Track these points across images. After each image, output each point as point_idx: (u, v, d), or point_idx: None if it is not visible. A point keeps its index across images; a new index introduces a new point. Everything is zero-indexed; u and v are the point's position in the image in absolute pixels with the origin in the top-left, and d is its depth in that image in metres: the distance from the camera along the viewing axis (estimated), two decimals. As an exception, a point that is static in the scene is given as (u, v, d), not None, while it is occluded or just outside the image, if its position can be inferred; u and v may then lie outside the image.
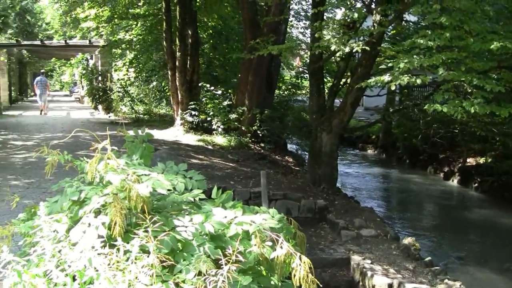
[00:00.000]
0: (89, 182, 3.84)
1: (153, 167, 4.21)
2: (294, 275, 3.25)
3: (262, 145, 17.01)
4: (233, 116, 16.85)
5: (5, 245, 3.50)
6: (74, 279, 3.11)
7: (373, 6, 11.72)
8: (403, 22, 16.05)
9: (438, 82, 9.66)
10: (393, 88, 9.23)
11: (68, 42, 30.94)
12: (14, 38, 35.76)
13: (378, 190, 18.61)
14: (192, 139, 16.99)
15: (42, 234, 3.46)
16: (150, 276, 2.95)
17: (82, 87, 40.53)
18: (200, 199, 4.05)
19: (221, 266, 3.06)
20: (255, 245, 3.41)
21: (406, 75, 8.64)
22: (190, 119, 18.12)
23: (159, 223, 3.29)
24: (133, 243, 3.15)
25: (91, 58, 34.45)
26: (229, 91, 18.93)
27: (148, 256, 3.05)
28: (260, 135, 16.78)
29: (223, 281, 2.96)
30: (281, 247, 3.33)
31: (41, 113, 28.04)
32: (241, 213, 3.69)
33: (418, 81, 8.41)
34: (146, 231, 3.21)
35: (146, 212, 3.32)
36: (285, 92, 21.96)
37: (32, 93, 47.64)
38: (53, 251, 3.28)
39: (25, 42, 34.14)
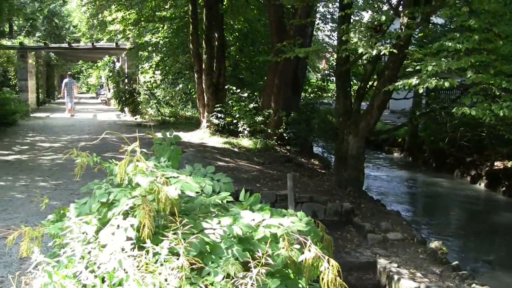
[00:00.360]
0: (118, 184, 3.85)
1: (181, 170, 4.22)
2: (322, 279, 3.23)
3: (288, 147, 16.99)
4: (259, 118, 16.85)
5: (36, 246, 3.53)
6: (103, 280, 3.12)
7: (400, 8, 11.66)
8: (430, 24, 15.92)
9: (466, 85, 9.56)
10: (420, 91, 9.15)
11: (95, 44, 31.15)
12: (42, 41, 36.13)
13: (404, 194, 18.49)
14: (218, 141, 17.03)
15: (72, 235, 3.48)
16: (180, 278, 2.95)
17: (109, 89, 40.83)
18: (227, 202, 4.06)
19: (250, 269, 3.05)
20: (283, 248, 3.40)
21: (434, 78, 8.57)
22: (216, 121, 18.17)
23: (189, 226, 3.29)
24: (162, 245, 3.16)
25: (118, 61, 34.68)
26: (255, 93, 18.94)
27: (177, 259, 3.05)
28: (286, 137, 16.76)
29: (252, 284, 2.95)
30: (309, 250, 3.32)
31: (71, 115, 28.36)
32: (269, 216, 3.69)
33: (446, 84, 8.33)
34: (175, 233, 3.21)
35: (176, 214, 3.33)
36: (311, 95, 21.93)
37: (59, 95, 48.12)
38: (83, 253, 3.30)
39: (53, 45, 34.49)
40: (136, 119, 26.08)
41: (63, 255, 3.38)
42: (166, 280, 2.94)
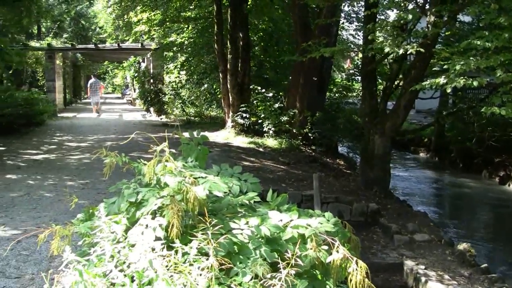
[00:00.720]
0: (146, 184, 3.87)
1: (208, 170, 4.22)
2: (350, 280, 3.21)
3: (313, 147, 16.96)
4: (284, 118, 16.84)
5: (67, 245, 3.55)
6: (132, 280, 3.14)
7: (427, 7, 11.57)
8: (457, 23, 15.77)
9: (495, 84, 9.44)
10: (448, 90, 9.06)
11: (121, 45, 31.33)
12: (69, 42, 36.46)
13: (430, 194, 18.33)
14: (243, 141, 17.05)
15: (102, 235, 3.50)
16: (209, 278, 2.95)
17: (134, 89, 41.08)
18: (254, 202, 4.05)
19: (278, 270, 3.04)
20: (311, 248, 3.39)
21: (462, 77, 8.47)
22: (241, 121, 18.19)
23: (219, 226, 3.29)
24: (191, 245, 3.16)
25: (143, 61, 34.83)
26: (280, 93, 18.93)
27: (206, 259, 3.05)
28: (311, 137, 16.73)
29: (281, 285, 2.94)
30: (337, 251, 3.30)
31: (98, 115, 28.63)
32: (296, 217, 3.67)
33: (475, 83, 8.23)
34: (204, 234, 3.22)
35: (206, 214, 3.33)
36: (336, 95, 21.86)
37: (86, 95, 48.55)
38: (112, 252, 3.32)
39: (80, 46, 34.75)
40: (161, 119, 26.22)
41: (93, 254, 3.40)
42: (195, 280, 2.94)
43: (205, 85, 27.03)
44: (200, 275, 2.97)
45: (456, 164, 21.91)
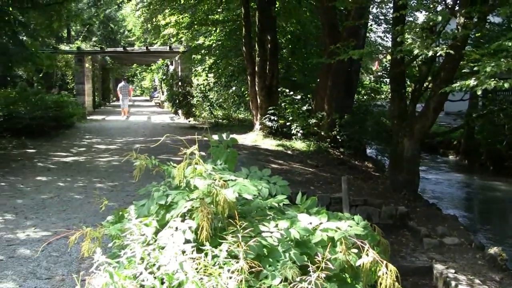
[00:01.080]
0: (176, 186, 3.89)
1: (237, 172, 4.24)
2: (380, 283, 3.20)
3: (342, 150, 16.88)
4: (312, 121, 16.80)
5: (97, 247, 3.59)
6: (162, 282, 3.16)
7: (456, 8, 11.46)
8: (487, 24, 15.61)
9: (526, 86, 9.32)
10: (479, 92, 8.96)
11: (149, 48, 31.57)
12: (98, 46, 36.82)
13: (460, 198, 18.14)
14: (271, 144, 17.05)
15: (132, 237, 3.53)
16: (239, 281, 2.96)
17: (162, 92, 41.29)
18: (283, 205, 4.05)
19: (308, 273, 3.04)
20: (341, 252, 3.38)
21: (492, 79, 8.37)
22: (269, 124, 18.19)
23: (249, 229, 3.30)
24: (221, 248, 3.17)
25: (171, 64, 35.03)
26: (308, 95, 18.88)
27: (236, 262, 3.06)
28: (340, 140, 16.65)
29: (311, 288, 2.94)
30: (367, 255, 3.29)
31: (126, 117, 28.87)
32: (326, 219, 3.67)
33: (506, 85, 8.12)
34: (235, 236, 3.22)
35: (236, 217, 3.34)
36: (365, 97, 21.75)
37: (114, 98, 48.94)
38: (143, 254, 3.34)
39: (109, 49, 35.09)
40: (189, 121, 26.33)
41: (123, 256, 3.43)
42: (226, 283, 2.95)
43: (233, 88, 27.06)
44: (230, 278, 2.98)
45: (486, 167, 21.64)
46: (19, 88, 22.97)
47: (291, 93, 18.14)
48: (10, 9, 16.73)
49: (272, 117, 18.06)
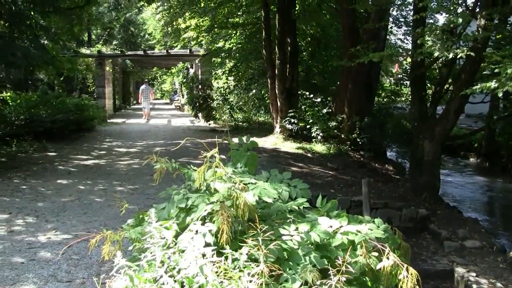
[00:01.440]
0: (196, 189, 3.90)
1: (258, 175, 4.24)
2: (401, 287, 3.19)
3: (362, 153, 16.83)
4: (332, 123, 16.78)
5: (118, 250, 3.61)
6: (182, 285, 3.17)
7: (477, 10, 11.40)
8: (508, 25, 15.49)
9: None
10: (500, 95, 8.90)
11: (169, 51, 31.67)
12: (119, 49, 37.01)
13: (481, 200, 17.98)
14: (291, 146, 17.05)
15: (153, 240, 3.54)
16: (259, 285, 2.96)
17: (182, 95, 41.42)
18: (303, 208, 4.05)
19: (329, 276, 3.04)
20: (361, 255, 3.38)
21: (514, 81, 8.32)
22: (289, 126, 18.19)
23: (270, 232, 3.31)
24: (241, 251, 3.18)
25: (192, 67, 35.13)
26: (328, 98, 18.86)
27: (257, 265, 3.06)
28: (360, 143, 16.61)
29: (331, 291, 2.94)
30: (388, 258, 3.28)
31: (147, 120, 29.03)
32: (346, 223, 3.67)
33: (527, 87, 8.07)
34: (255, 240, 3.23)
35: (256, 220, 3.35)
36: (385, 100, 21.68)
37: (135, 101, 49.18)
38: (163, 257, 3.35)
39: (129, 52, 35.22)
40: (209, 124, 26.39)
41: (143, 259, 3.45)
42: (245, 286, 2.96)
43: (253, 91, 27.09)
44: (250, 281, 2.98)
45: (507, 169, 21.45)
46: (40, 92, 23.22)
47: (311, 96, 18.13)
48: (32, 13, 16.88)
49: (292, 120, 18.07)
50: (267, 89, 21.43)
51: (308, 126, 17.68)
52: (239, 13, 24.60)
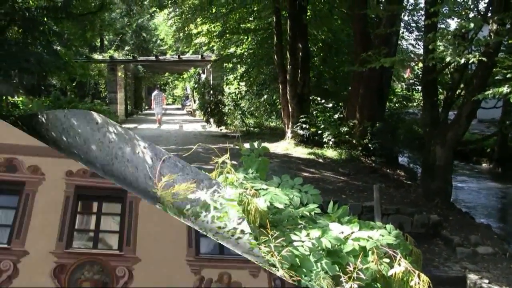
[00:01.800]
0: (207, 195, 3.91)
1: (269, 181, 4.25)
2: (413, 293, 3.19)
3: (373, 158, 16.80)
4: (344, 129, 16.77)
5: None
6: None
7: (489, 15, 11.37)
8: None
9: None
10: (512, 100, 8.88)
11: (181, 57, 31.70)
12: (131, 54, 37.12)
13: (494, 206, 17.89)
14: (302, 152, 17.04)
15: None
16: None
17: (194, 100, 41.47)
18: (315, 214, 4.05)
19: (340, 283, 3.04)
20: (372, 261, 3.38)
21: (526, 87, 8.30)
22: (300, 132, 18.18)
23: (281, 239, 3.31)
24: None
25: (203, 72, 35.18)
26: (340, 104, 18.84)
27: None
28: (371, 148, 16.58)
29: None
30: (399, 264, 3.28)
31: (158, 125, 29.10)
32: (357, 229, 3.67)
33: (540, 92, 8.05)
34: (267, 246, 3.23)
35: (268, 226, 3.35)
36: (396, 105, 21.62)
37: (146, 107, 49.30)
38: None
39: (141, 58, 35.29)
40: (221, 130, 26.38)
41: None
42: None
43: (265, 96, 27.10)
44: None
45: (521, 175, 21.33)
46: (52, 97, 23.30)
47: (323, 101, 18.13)
48: (45, 19, 16.99)
49: (304, 125, 18.05)
50: (279, 95, 21.44)
51: (319, 132, 17.67)
52: (250, 18, 24.64)
